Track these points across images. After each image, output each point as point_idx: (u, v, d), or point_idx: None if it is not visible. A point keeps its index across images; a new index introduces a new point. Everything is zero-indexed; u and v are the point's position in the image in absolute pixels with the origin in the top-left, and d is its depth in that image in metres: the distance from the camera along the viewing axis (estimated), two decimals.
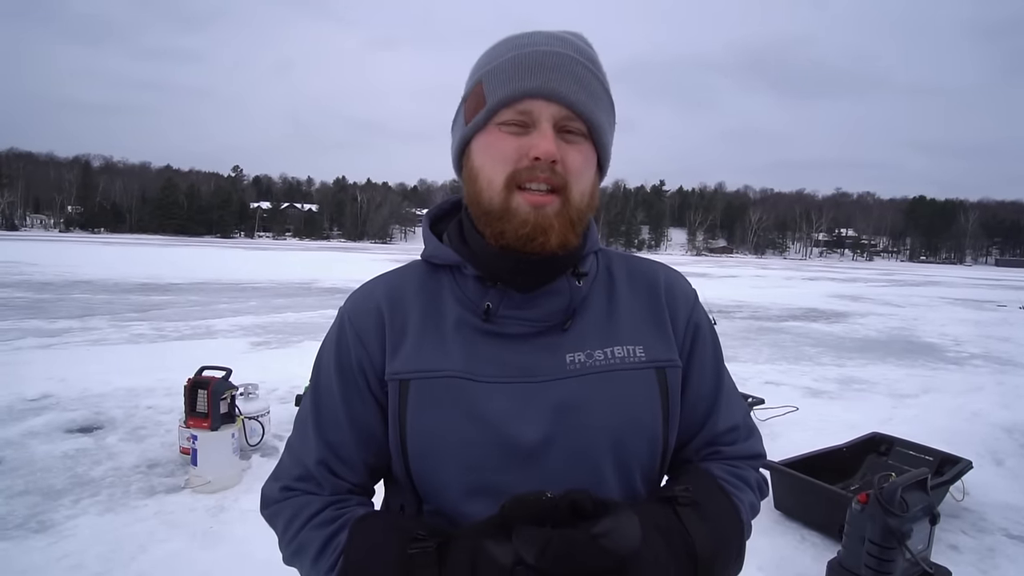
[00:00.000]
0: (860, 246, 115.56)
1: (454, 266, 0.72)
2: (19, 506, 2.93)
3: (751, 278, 29.10)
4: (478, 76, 0.68)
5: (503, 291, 0.68)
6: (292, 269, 22.33)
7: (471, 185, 0.67)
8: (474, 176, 0.67)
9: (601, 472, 0.66)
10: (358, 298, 0.75)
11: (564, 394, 0.66)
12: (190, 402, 3.26)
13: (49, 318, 8.90)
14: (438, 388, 0.67)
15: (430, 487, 0.67)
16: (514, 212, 0.63)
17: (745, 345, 8.68)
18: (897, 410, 5.34)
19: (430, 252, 0.74)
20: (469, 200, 0.68)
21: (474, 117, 0.66)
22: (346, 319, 0.73)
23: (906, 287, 25.34)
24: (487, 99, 0.65)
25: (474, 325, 0.69)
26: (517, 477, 0.64)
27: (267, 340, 7.66)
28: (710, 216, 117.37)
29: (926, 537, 2.30)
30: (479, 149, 0.66)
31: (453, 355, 0.68)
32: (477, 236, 0.68)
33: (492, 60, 0.67)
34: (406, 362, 0.68)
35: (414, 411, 0.67)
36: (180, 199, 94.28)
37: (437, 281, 0.73)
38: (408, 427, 0.67)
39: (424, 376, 0.67)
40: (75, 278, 15.42)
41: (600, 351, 0.69)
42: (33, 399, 4.69)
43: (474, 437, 0.65)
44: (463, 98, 0.70)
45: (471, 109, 0.67)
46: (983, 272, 57.91)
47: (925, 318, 12.97)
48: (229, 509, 2.99)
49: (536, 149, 0.63)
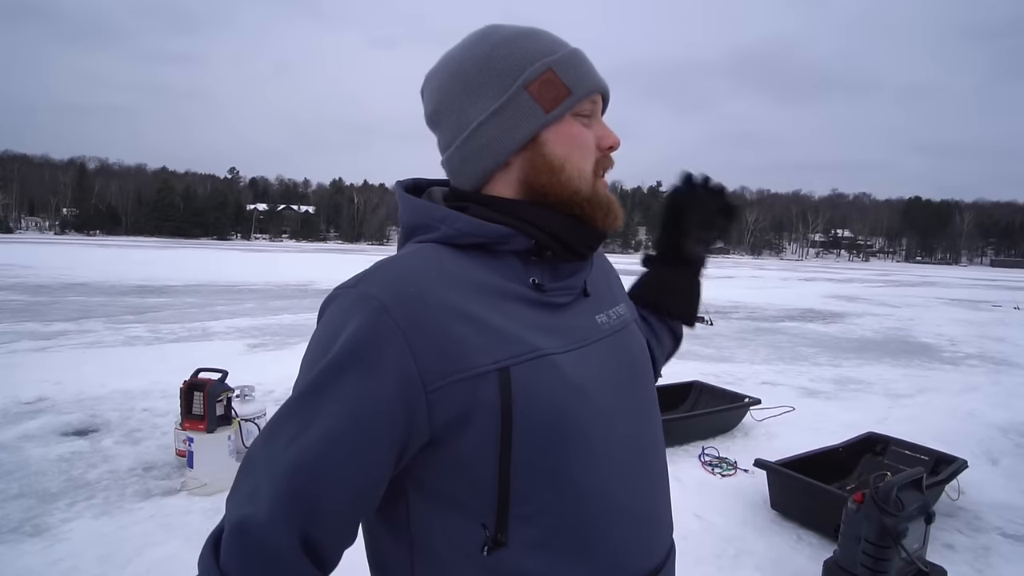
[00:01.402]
0: (856, 247, 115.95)
1: (487, 244, 0.66)
2: (14, 510, 2.92)
3: (748, 279, 29.16)
4: (545, 63, 0.66)
5: (544, 264, 0.68)
6: (289, 271, 22.28)
7: (551, 176, 0.66)
8: (557, 166, 0.66)
9: (656, 408, 0.79)
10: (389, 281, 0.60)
11: (615, 350, 0.72)
12: (186, 404, 3.25)
13: (44, 321, 8.86)
14: (539, 370, 0.62)
15: (542, 484, 0.61)
16: (602, 199, 0.69)
17: (742, 346, 8.70)
18: (893, 410, 5.36)
19: (464, 229, 0.65)
20: (544, 192, 0.67)
21: (556, 106, 0.65)
22: (381, 307, 0.58)
23: (902, 287, 25.44)
24: (571, 89, 0.66)
25: (529, 298, 0.66)
26: (615, 439, 0.68)
27: (264, 342, 7.64)
28: None
29: (922, 536, 2.31)
30: (560, 138, 0.67)
31: (530, 332, 0.63)
32: (550, 212, 0.67)
33: (548, 50, 0.67)
34: (495, 348, 0.60)
35: (524, 400, 0.60)
36: (176, 201, 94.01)
37: (470, 260, 0.65)
38: (516, 421, 0.59)
39: (523, 359, 0.61)
40: (71, 280, 15.36)
41: (612, 310, 0.76)
42: (28, 402, 4.67)
43: (586, 413, 0.64)
44: (523, 83, 0.65)
45: (549, 97, 0.65)
46: (978, 272, 58.21)
47: (921, 318, 13.03)
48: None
49: (610, 139, 0.70)
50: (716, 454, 4.00)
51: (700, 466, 3.82)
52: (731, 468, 3.78)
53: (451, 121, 0.69)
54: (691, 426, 4.31)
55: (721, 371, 6.75)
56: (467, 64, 0.67)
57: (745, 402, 4.60)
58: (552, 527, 0.62)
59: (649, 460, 0.72)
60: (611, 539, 0.65)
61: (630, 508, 0.67)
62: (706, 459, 3.91)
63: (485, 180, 0.68)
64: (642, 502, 0.70)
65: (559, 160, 0.67)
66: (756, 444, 4.28)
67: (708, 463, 3.86)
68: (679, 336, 1.02)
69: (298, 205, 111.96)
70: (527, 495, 0.61)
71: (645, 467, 0.71)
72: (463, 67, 0.67)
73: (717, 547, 2.80)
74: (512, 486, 0.60)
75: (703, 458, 3.93)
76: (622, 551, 0.66)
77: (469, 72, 0.67)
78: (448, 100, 0.68)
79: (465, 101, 0.67)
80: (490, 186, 0.69)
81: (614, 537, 0.65)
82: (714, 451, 4.05)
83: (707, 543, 2.82)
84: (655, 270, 1.00)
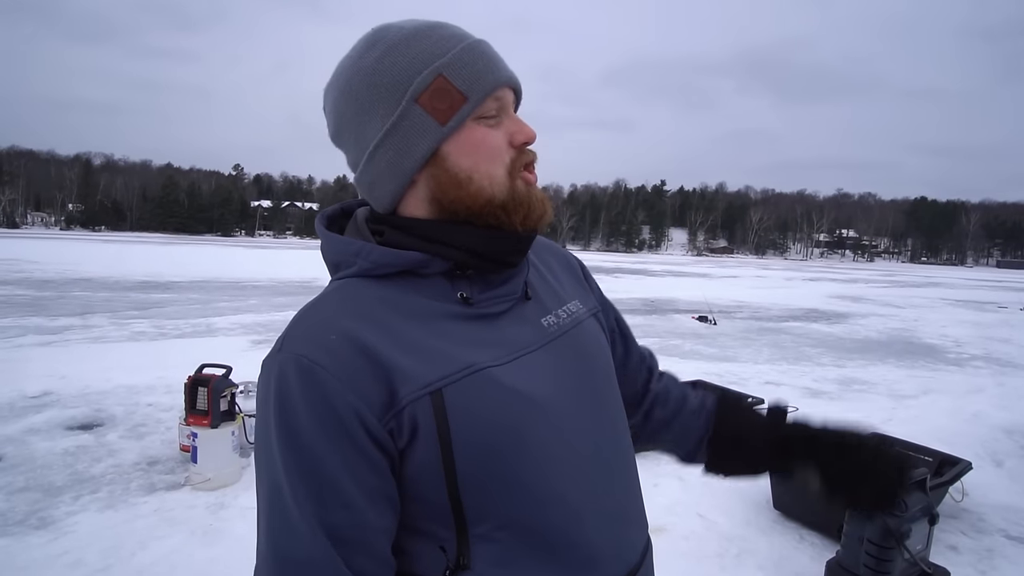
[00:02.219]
0: (861, 247, 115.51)
1: (408, 271, 0.64)
2: (20, 503, 2.94)
3: (752, 278, 29.09)
4: (434, 69, 0.61)
5: (473, 277, 0.66)
6: (292, 267, 22.34)
7: (458, 189, 0.63)
8: (464, 178, 0.62)
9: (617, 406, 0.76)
10: (311, 334, 0.60)
11: (565, 351, 0.70)
12: (190, 400, 3.27)
13: (50, 316, 8.92)
14: (474, 387, 0.60)
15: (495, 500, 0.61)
16: (524, 197, 0.65)
17: (745, 345, 8.68)
18: (897, 411, 5.34)
19: (380, 261, 0.63)
20: (454, 206, 0.64)
21: (452, 115, 0.61)
22: (310, 364, 0.57)
23: (907, 288, 25.33)
24: (466, 94, 0.61)
25: (459, 314, 0.64)
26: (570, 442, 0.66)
27: (268, 338, 7.67)
28: (711, 216, 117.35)
29: (925, 537, 2.30)
30: (463, 149, 0.62)
31: (462, 349, 0.62)
32: (464, 228, 0.64)
33: (439, 51, 0.62)
34: (426, 372, 0.59)
35: (460, 420, 0.59)
36: (181, 197, 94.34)
37: (395, 287, 0.64)
38: (456, 442, 0.59)
39: (455, 379, 0.60)
40: (76, 276, 15.45)
41: (561, 309, 0.74)
42: (34, 396, 4.70)
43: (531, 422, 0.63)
44: (412, 96, 0.61)
45: (442, 108, 0.61)
46: (984, 273, 57.90)
47: (926, 319, 12.97)
48: (229, 506, 3.00)
49: (523, 134, 0.65)
50: None
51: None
52: None
53: (350, 143, 0.66)
54: None
55: (724, 371, 6.73)
56: (355, 81, 0.63)
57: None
58: (514, 541, 0.61)
59: (611, 459, 0.70)
60: (580, 543, 0.64)
61: (596, 510, 0.66)
62: None
63: (396, 200, 0.66)
64: (608, 502, 0.68)
65: (465, 172, 0.63)
66: None
67: None
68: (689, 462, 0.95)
69: (302, 202, 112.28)
70: (483, 513, 0.60)
71: (607, 466, 0.69)
72: (351, 84, 0.63)
73: (720, 546, 2.80)
74: (465, 506, 0.60)
75: None
76: (594, 554, 0.65)
77: (358, 89, 0.63)
78: (343, 121, 0.65)
79: (358, 122, 0.64)
80: (403, 204, 0.66)
81: (583, 541, 0.64)
82: None
83: (710, 542, 2.82)
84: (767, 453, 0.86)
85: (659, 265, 42.83)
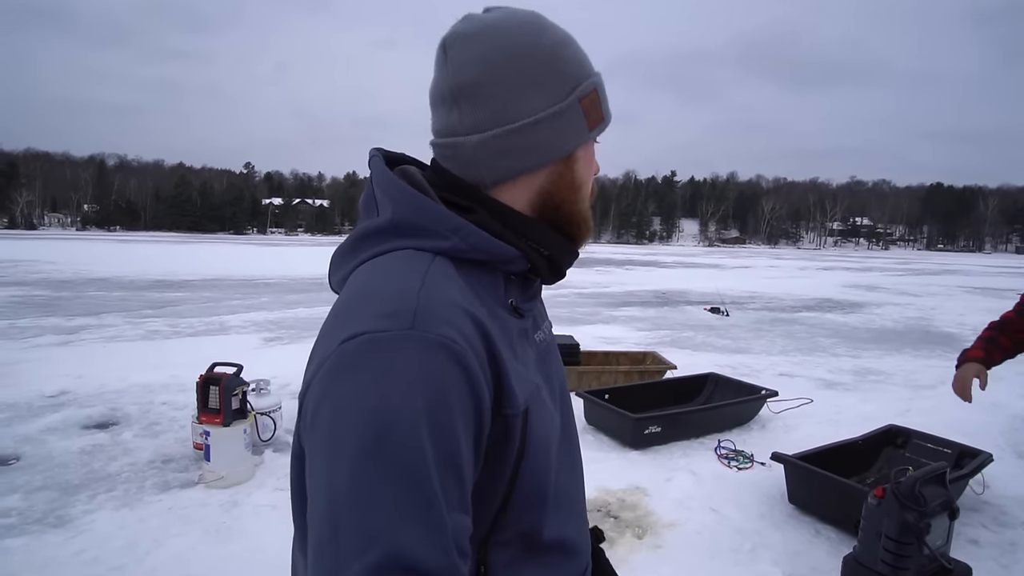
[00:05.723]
0: (876, 235, 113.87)
1: (484, 262, 0.61)
2: (38, 501, 2.98)
3: (764, 268, 28.79)
4: (592, 82, 0.65)
5: (521, 282, 0.66)
6: (304, 265, 22.47)
7: (573, 193, 0.66)
8: (577, 186, 0.67)
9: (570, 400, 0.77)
10: (447, 316, 0.53)
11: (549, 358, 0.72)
12: (202, 398, 3.29)
13: (67, 315, 9.04)
14: (540, 407, 0.62)
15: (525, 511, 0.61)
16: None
17: (758, 336, 8.59)
18: (914, 401, 5.25)
19: (478, 246, 0.59)
20: (559, 207, 0.65)
21: (595, 127, 0.66)
22: (457, 348, 0.51)
23: (923, 276, 24.92)
24: (605, 114, 0.67)
25: (519, 325, 0.64)
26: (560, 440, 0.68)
27: (279, 336, 7.72)
28: (722, 206, 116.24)
29: (945, 532, 2.25)
30: (586, 159, 0.67)
31: (526, 364, 0.63)
32: (551, 233, 0.66)
33: (591, 69, 0.66)
34: (522, 384, 0.59)
35: (535, 436, 0.59)
36: (193, 196, 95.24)
37: (467, 276, 0.60)
38: (527, 458, 0.58)
39: (534, 398, 0.60)
40: (91, 276, 15.66)
41: (544, 324, 0.76)
42: (51, 396, 4.77)
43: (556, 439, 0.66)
44: (579, 95, 0.63)
45: (593, 117, 0.65)
46: (1003, 260, 56.79)
47: (943, 307, 12.75)
48: (242, 504, 3.02)
49: (598, 168, 0.71)
50: (732, 447, 3.95)
51: (716, 459, 3.78)
52: (747, 461, 3.73)
53: (494, 104, 0.61)
54: (707, 418, 4.26)
55: (737, 362, 6.67)
56: (532, 52, 0.61)
57: (762, 394, 4.54)
58: (522, 544, 0.62)
59: (577, 451, 0.75)
60: (576, 541, 0.69)
61: (582, 510, 0.73)
62: (722, 452, 3.87)
63: (505, 180, 0.63)
64: (581, 492, 0.74)
65: (580, 180, 0.67)
66: (773, 437, 4.23)
67: (724, 456, 3.81)
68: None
69: (313, 199, 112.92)
70: (510, 523, 0.60)
71: (578, 459, 0.75)
72: (527, 52, 0.61)
73: (733, 541, 2.77)
74: (502, 517, 0.59)
75: (719, 451, 3.89)
76: (581, 549, 0.70)
77: (533, 62, 0.61)
78: (495, 80, 0.60)
79: (522, 91, 0.61)
80: (503, 189, 0.63)
81: (577, 539, 0.69)
82: (730, 444, 4.00)
83: (723, 537, 2.79)
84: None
85: (670, 256, 42.53)
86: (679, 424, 4.09)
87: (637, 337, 8.19)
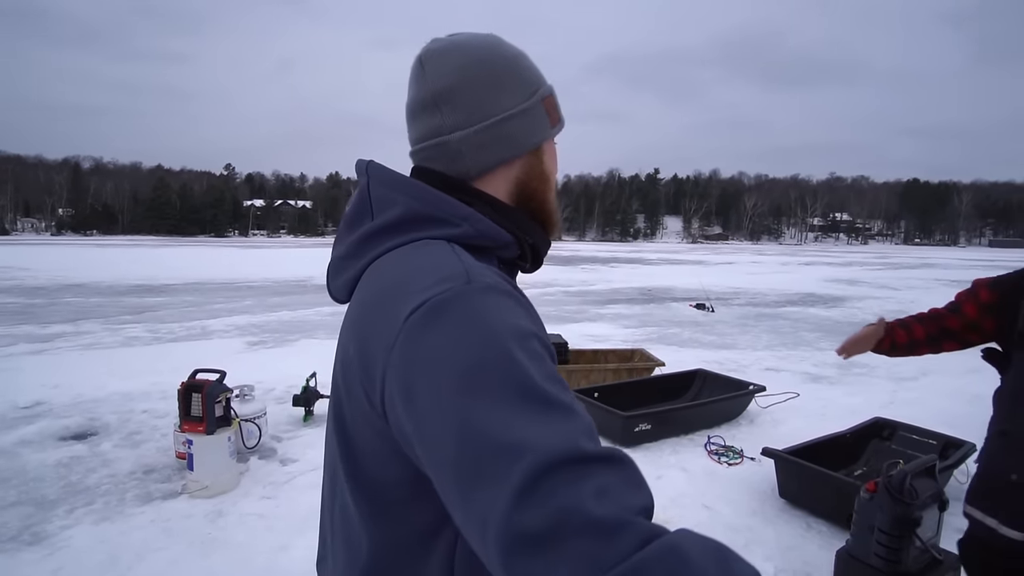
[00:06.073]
0: (855, 230, 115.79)
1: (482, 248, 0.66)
2: (11, 518, 2.88)
3: (748, 264, 29.11)
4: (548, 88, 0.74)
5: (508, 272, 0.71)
6: (287, 267, 22.21)
7: (543, 184, 0.74)
8: (546, 177, 0.74)
9: None
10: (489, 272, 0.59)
11: None
12: (184, 406, 3.21)
13: (41, 323, 8.81)
14: None
15: None
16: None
17: (743, 332, 8.66)
18: (898, 393, 5.33)
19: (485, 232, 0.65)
20: (532, 196, 0.73)
21: (555, 125, 0.75)
22: (516, 289, 0.60)
23: (902, 270, 25.41)
24: (561, 117, 0.76)
25: None
26: None
27: (263, 339, 7.59)
28: (705, 203, 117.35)
29: (935, 524, 2.26)
30: (551, 154, 0.75)
31: None
32: (533, 224, 0.73)
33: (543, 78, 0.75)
34: None
35: None
36: (172, 199, 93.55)
37: None
38: None
39: None
40: (68, 281, 15.28)
41: None
42: (25, 407, 4.63)
43: None
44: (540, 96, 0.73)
45: (554, 116, 0.74)
46: (977, 253, 58.19)
47: (922, 301, 12.98)
48: (227, 514, 2.94)
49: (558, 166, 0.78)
50: (722, 443, 3.96)
51: (706, 455, 3.79)
52: (738, 457, 3.75)
53: (470, 105, 0.69)
54: (696, 415, 4.27)
55: (724, 358, 6.71)
56: (497, 60, 0.71)
57: (750, 389, 4.56)
58: None
59: None
60: None
61: None
62: (712, 448, 3.88)
63: (487, 172, 0.70)
64: None
65: (548, 171, 0.75)
66: (762, 431, 4.25)
67: (714, 452, 3.82)
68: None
69: (295, 200, 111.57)
70: None
71: None
72: (493, 60, 0.70)
73: (726, 537, 2.76)
74: None
75: (709, 447, 3.90)
76: None
77: (500, 68, 0.70)
78: (470, 84, 0.69)
79: (493, 92, 0.70)
80: (486, 180, 0.71)
81: None
82: (720, 440, 4.01)
83: (716, 533, 2.75)
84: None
85: (655, 254, 42.82)
86: (669, 421, 4.09)
87: (624, 334, 8.21)
